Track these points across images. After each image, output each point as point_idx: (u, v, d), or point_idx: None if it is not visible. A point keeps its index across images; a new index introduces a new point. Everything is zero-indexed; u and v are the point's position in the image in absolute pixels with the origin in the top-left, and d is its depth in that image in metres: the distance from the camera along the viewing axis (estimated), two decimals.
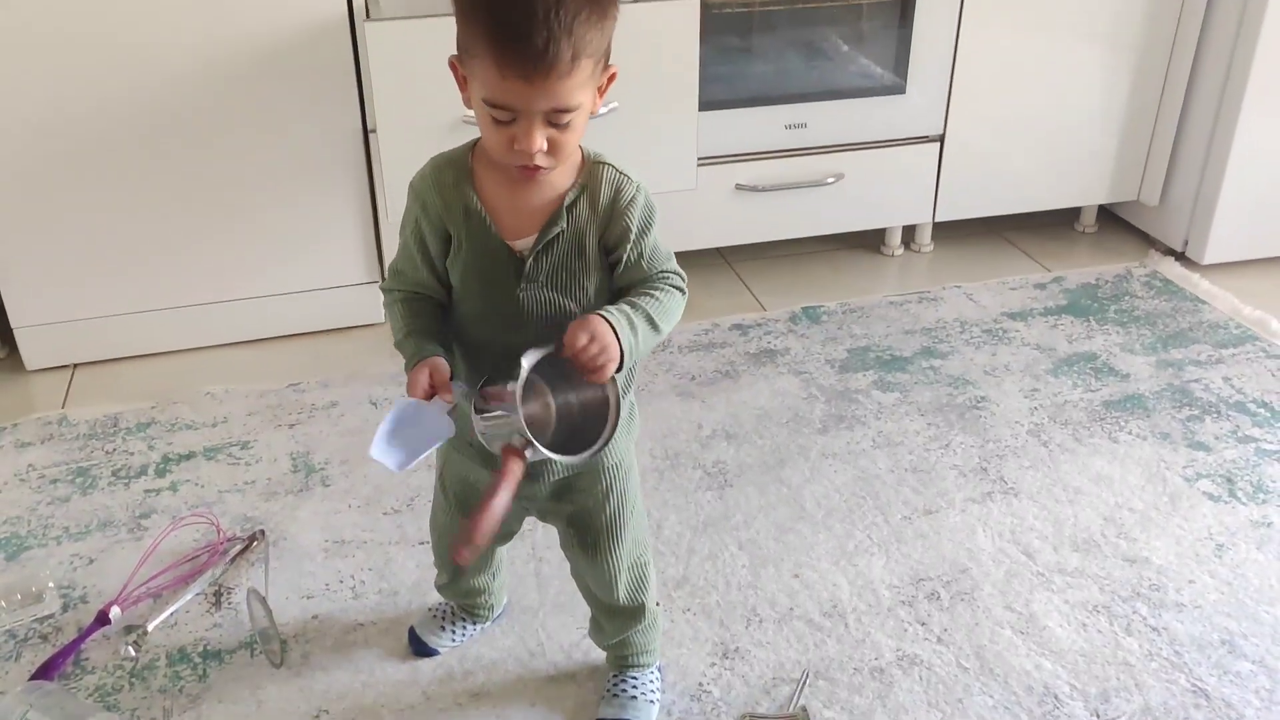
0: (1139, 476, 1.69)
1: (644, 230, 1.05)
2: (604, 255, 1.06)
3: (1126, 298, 2.21)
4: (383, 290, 1.13)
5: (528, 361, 0.97)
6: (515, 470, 0.97)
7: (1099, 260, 2.39)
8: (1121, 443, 1.77)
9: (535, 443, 0.97)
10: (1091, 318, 2.14)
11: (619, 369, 1.00)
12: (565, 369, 1.00)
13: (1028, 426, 1.81)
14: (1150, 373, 1.96)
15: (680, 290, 1.08)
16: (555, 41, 0.89)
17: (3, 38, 1.69)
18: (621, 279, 1.07)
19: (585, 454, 1.01)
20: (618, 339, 0.99)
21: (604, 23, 0.94)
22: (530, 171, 0.98)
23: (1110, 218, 2.56)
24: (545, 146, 0.96)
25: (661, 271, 1.07)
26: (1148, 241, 2.45)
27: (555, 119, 0.95)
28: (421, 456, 1.03)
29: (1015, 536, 1.57)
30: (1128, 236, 2.50)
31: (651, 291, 1.06)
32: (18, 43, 1.70)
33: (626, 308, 1.03)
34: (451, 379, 1.03)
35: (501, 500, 0.96)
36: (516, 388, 0.96)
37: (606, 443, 1.02)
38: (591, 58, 0.94)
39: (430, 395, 1.02)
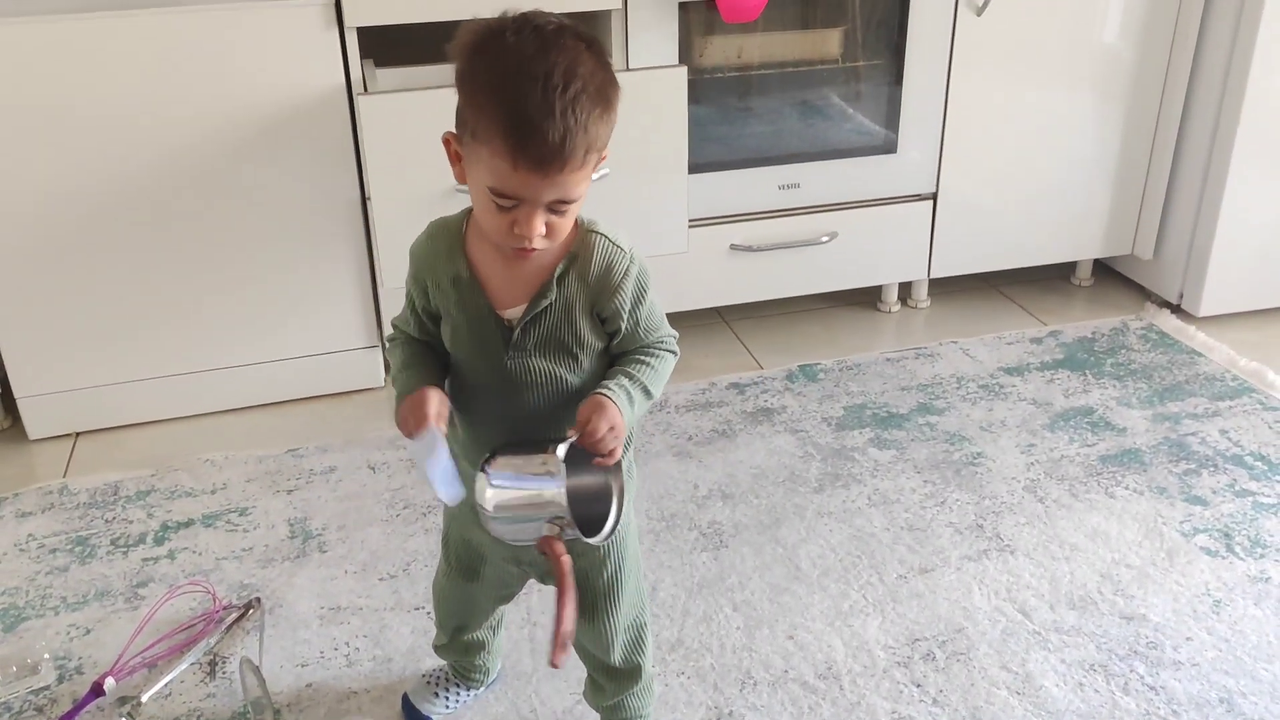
0: (1136, 532, 1.69)
1: (638, 301, 1.07)
2: (595, 323, 1.07)
3: (1123, 351, 2.22)
4: (386, 338, 1.16)
5: (562, 451, 0.98)
6: (566, 560, 1.00)
7: (1095, 314, 2.40)
8: (1118, 498, 1.77)
9: (573, 525, 0.99)
10: (1088, 371, 2.14)
11: None
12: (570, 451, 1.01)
13: (1024, 483, 1.81)
14: (1147, 426, 1.96)
15: (673, 353, 1.11)
16: (571, 137, 0.91)
17: (4, 110, 1.73)
18: (616, 347, 1.09)
19: (605, 532, 1.02)
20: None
21: (611, 116, 0.97)
22: (526, 253, 1.00)
23: (1105, 271, 2.57)
24: (545, 232, 0.97)
25: (656, 337, 1.09)
26: (1143, 294, 2.46)
27: (557, 208, 0.97)
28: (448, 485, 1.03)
29: (1011, 594, 1.56)
30: (1123, 290, 2.51)
31: (645, 359, 1.07)
32: (19, 114, 1.74)
33: (625, 382, 1.04)
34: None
35: (572, 602, 0.99)
36: (558, 484, 0.97)
37: (619, 519, 1.03)
38: (597, 151, 0.96)
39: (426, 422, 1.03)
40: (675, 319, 1.12)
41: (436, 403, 1.03)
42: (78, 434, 1.99)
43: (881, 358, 2.21)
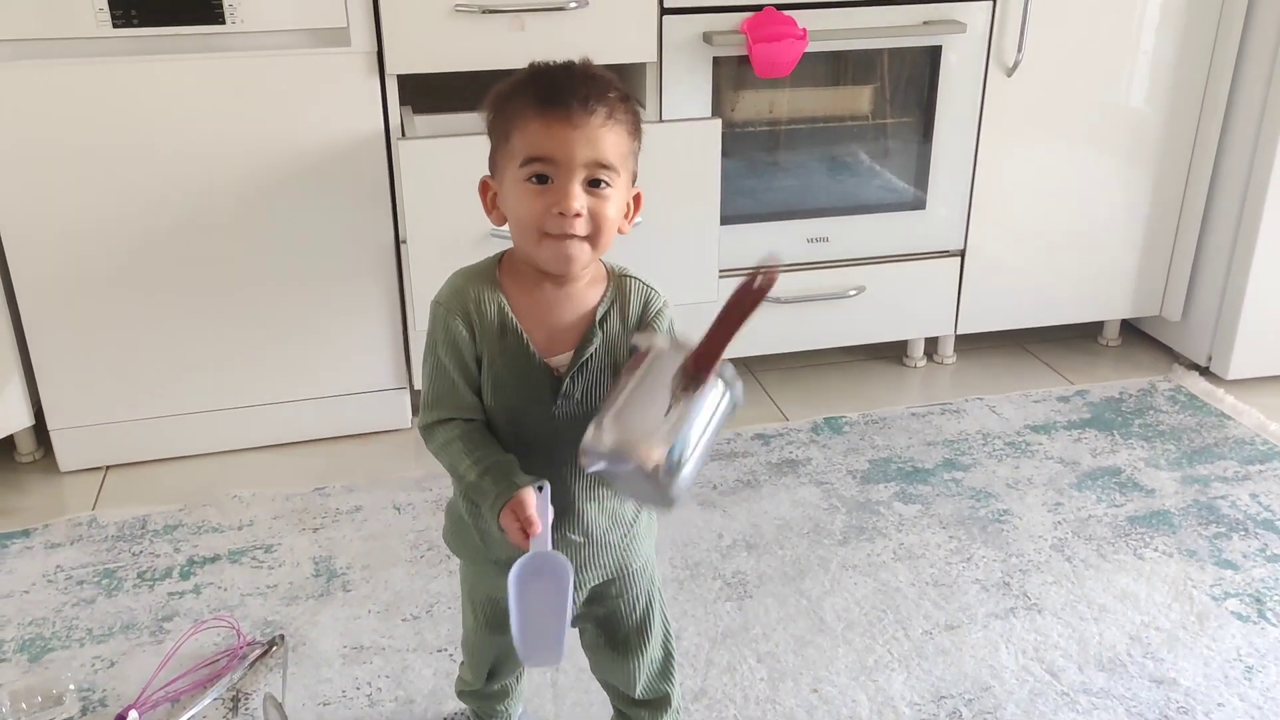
0: (1165, 594, 1.67)
1: None
2: None
3: (1151, 412, 2.21)
4: (423, 430, 1.08)
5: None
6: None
7: (1123, 374, 2.39)
8: (1147, 559, 1.75)
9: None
10: (1115, 431, 2.13)
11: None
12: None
13: (1051, 541, 1.79)
14: (1176, 488, 1.94)
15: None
16: (593, 96, 0.98)
17: (47, 146, 1.77)
18: None
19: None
20: None
21: (634, 119, 1.02)
22: (565, 240, 0.98)
23: (1133, 331, 2.57)
24: (584, 209, 0.98)
25: None
26: (1171, 356, 2.46)
27: (595, 173, 0.98)
28: (569, 619, 0.97)
29: (1039, 654, 1.55)
30: (1151, 350, 2.50)
31: None
32: (66, 151, 1.78)
33: None
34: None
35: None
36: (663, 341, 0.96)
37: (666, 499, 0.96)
38: (627, 134, 1.00)
39: (526, 535, 0.98)
40: None
41: (523, 506, 0.99)
42: (108, 467, 2.01)
43: (907, 412, 2.21)
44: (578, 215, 0.97)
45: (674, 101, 2.01)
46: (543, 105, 0.97)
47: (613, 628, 1.20)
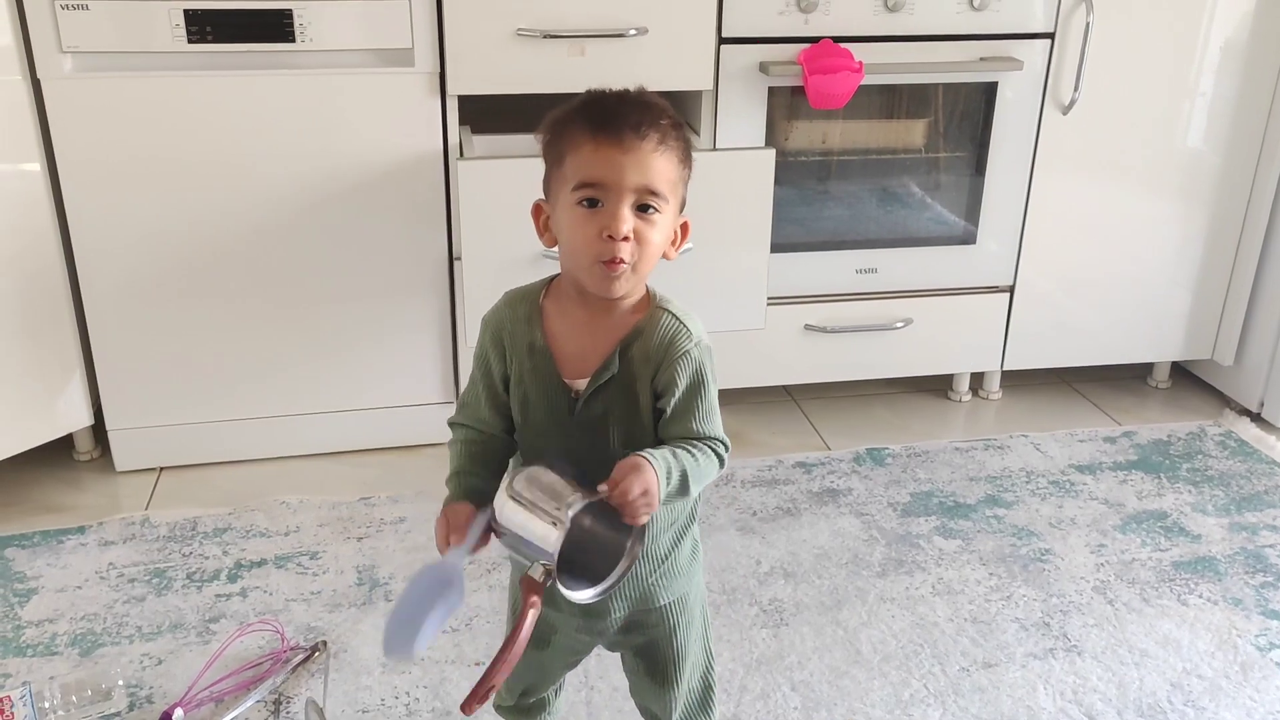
0: (1209, 642, 1.65)
1: (696, 387, 1.05)
2: (654, 400, 1.07)
3: (1199, 456, 2.18)
4: (449, 424, 1.16)
5: (574, 510, 0.96)
6: (533, 612, 0.98)
7: (1171, 417, 2.36)
8: (1191, 606, 1.73)
9: (558, 581, 0.97)
10: (1162, 475, 2.11)
11: None
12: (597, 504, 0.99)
13: (1093, 583, 1.78)
14: (1223, 535, 1.92)
15: (720, 460, 1.07)
16: (644, 122, 1.00)
17: (119, 156, 1.83)
18: (664, 431, 1.07)
19: (587, 596, 1.00)
20: None
21: (681, 138, 1.04)
22: (614, 265, 1.00)
23: (1183, 374, 2.54)
24: (631, 234, 1.00)
25: (709, 433, 1.06)
26: (1222, 400, 2.43)
27: (644, 200, 1.00)
28: (434, 630, 1.01)
29: (1078, 697, 1.53)
30: (1202, 394, 2.47)
31: (692, 450, 1.04)
32: (132, 160, 1.84)
33: (668, 456, 1.01)
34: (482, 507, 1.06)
35: (517, 648, 0.97)
36: (558, 538, 0.95)
37: (609, 589, 1.01)
38: (677, 160, 1.02)
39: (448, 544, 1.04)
40: (746, 395, 1.12)
41: (456, 516, 1.05)
42: (162, 468, 2.06)
43: (950, 446, 2.20)
44: (625, 239, 1.00)
45: (728, 130, 2.03)
46: (595, 130, 1.00)
47: (650, 658, 1.21)
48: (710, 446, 1.06)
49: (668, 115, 1.03)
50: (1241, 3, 2.14)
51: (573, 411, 1.07)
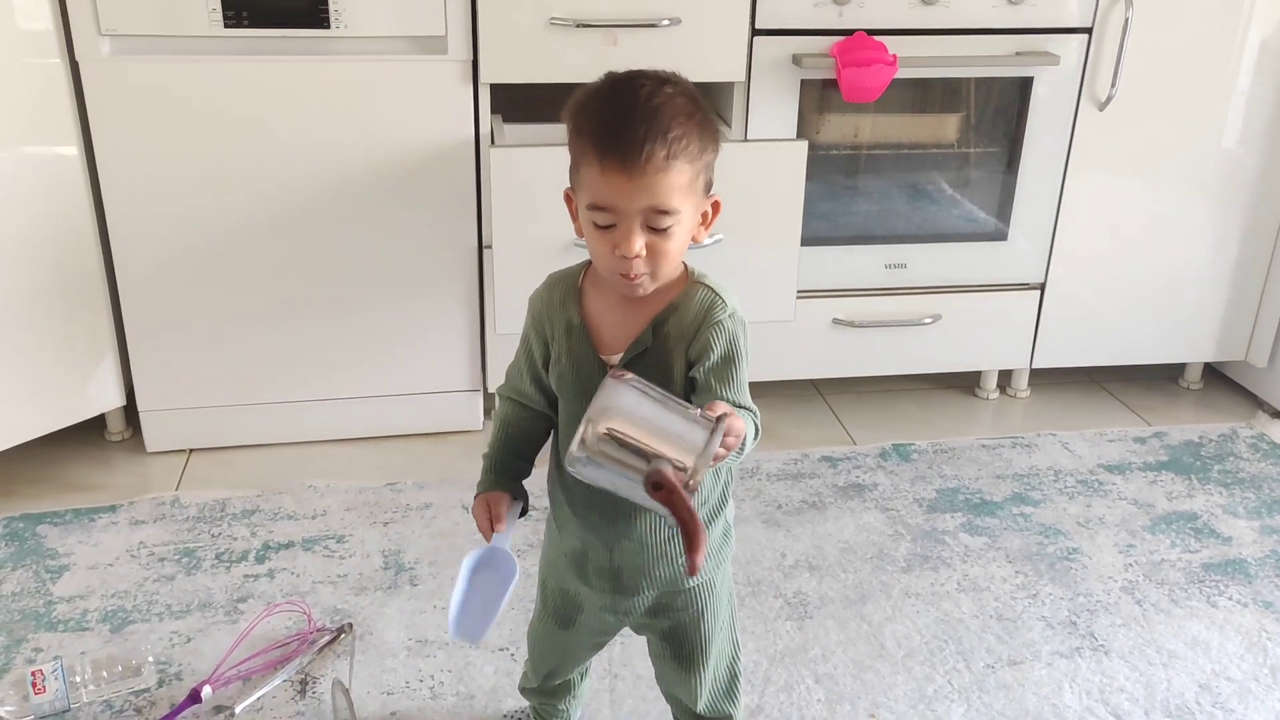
0: (1238, 645, 1.63)
1: (729, 358, 1.05)
2: (688, 374, 1.07)
3: (1231, 458, 2.16)
4: (495, 393, 1.22)
5: (719, 430, 0.90)
6: (682, 491, 0.88)
7: (1203, 418, 2.34)
8: (1220, 608, 1.71)
9: (687, 486, 0.87)
10: (1193, 476, 2.09)
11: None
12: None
13: (1121, 583, 1.77)
14: (1254, 538, 1.90)
15: (758, 430, 1.06)
16: (651, 139, 0.97)
17: (155, 139, 1.85)
18: (698, 400, 1.05)
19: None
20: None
21: (702, 136, 1.01)
22: (630, 279, 1.02)
23: (1216, 375, 2.51)
24: (643, 251, 1.00)
25: (742, 406, 1.05)
26: (1255, 402, 2.40)
27: (654, 220, 1.00)
28: (499, 610, 1.05)
29: (1104, 696, 1.52)
30: (1234, 395, 2.45)
31: (746, 415, 1.04)
32: (167, 144, 1.85)
33: (747, 423, 1.00)
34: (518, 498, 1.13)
35: (695, 516, 0.88)
36: (708, 437, 0.88)
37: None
38: (689, 164, 1.00)
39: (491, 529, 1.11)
40: (773, 388, 1.12)
41: (495, 504, 1.12)
42: (191, 450, 2.08)
43: (977, 443, 2.19)
44: (638, 256, 1.01)
45: (760, 122, 2.03)
46: (601, 154, 0.98)
47: (676, 642, 1.21)
48: (751, 417, 1.05)
49: (677, 118, 0.98)
50: None
51: None
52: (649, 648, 1.27)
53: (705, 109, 1.03)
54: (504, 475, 1.17)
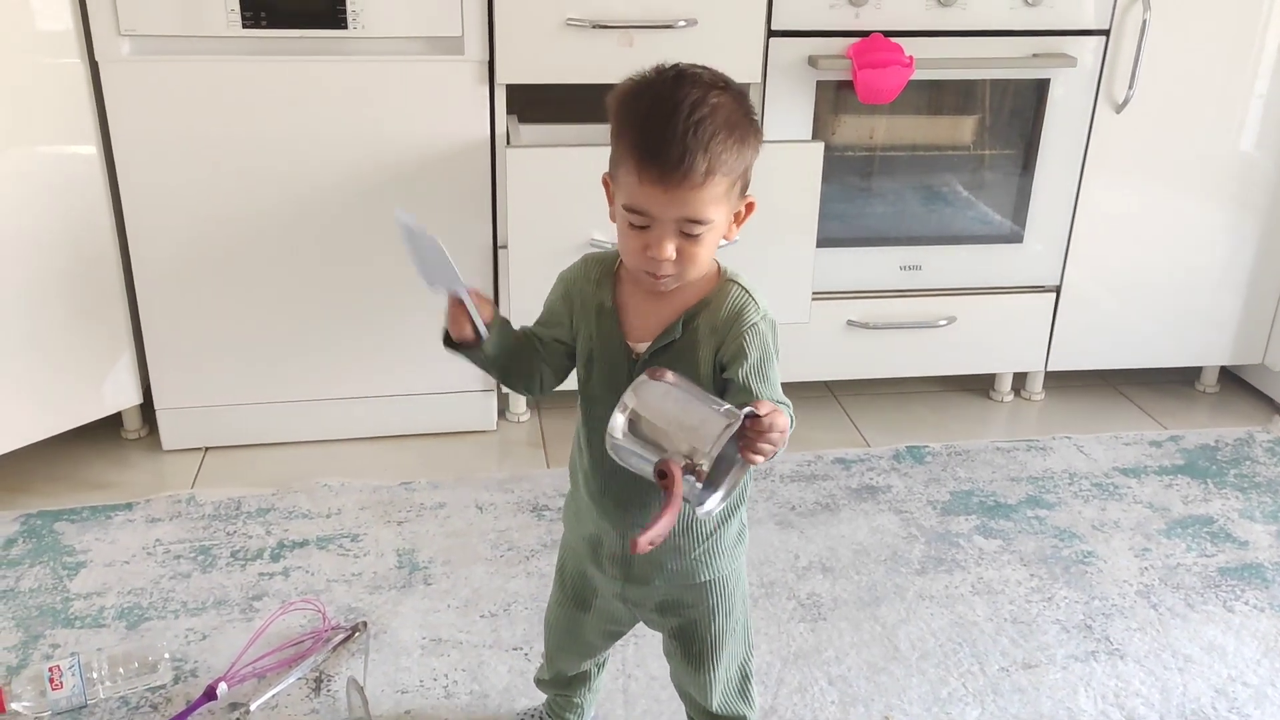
0: (1255, 650, 1.62)
1: (764, 359, 1.06)
2: (717, 372, 1.08)
3: (1247, 462, 2.15)
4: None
5: (745, 411, 0.96)
6: (680, 486, 0.95)
7: (1219, 421, 2.33)
8: (1237, 613, 1.70)
9: (705, 473, 0.94)
10: (1209, 480, 2.08)
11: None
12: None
13: (1136, 587, 1.76)
14: (1270, 542, 1.89)
15: (792, 420, 1.07)
16: (690, 155, 0.97)
17: (173, 138, 1.86)
18: (732, 400, 1.06)
19: (709, 505, 0.98)
20: None
21: (742, 148, 1.01)
22: (657, 278, 1.04)
23: (1232, 379, 2.50)
24: (674, 255, 1.01)
25: (779, 402, 1.06)
26: (1272, 406, 2.39)
27: (687, 229, 1.01)
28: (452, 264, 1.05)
29: (1119, 700, 1.52)
30: (1250, 399, 2.43)
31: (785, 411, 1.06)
32: (186, 143, 1.86)
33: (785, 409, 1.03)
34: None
35: (671, 514, 0.94)
36: (728, 426, 0.94)
37: (724, 500, 1.00)
38: (727, 177, 1.00)
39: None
40: (787, 390, 1.10)
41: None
42: (207, 448, 2.09)
43: (992, 446, 2.19)
44: (668, 259, 1.02)
45: (775, 123, 2.03)
46: (642, 162, 0.98)
47: (687, 640, 1.22)
48: (786, 410, 1.06)
49: (720, 132, 0.98)
50: None
51: (631, 374, 1.08)
52: (663, 645, 1.27)
53: (750, 115, 1.03)
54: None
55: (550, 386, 1.18)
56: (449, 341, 1.13)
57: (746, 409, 0.96)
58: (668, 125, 0.98)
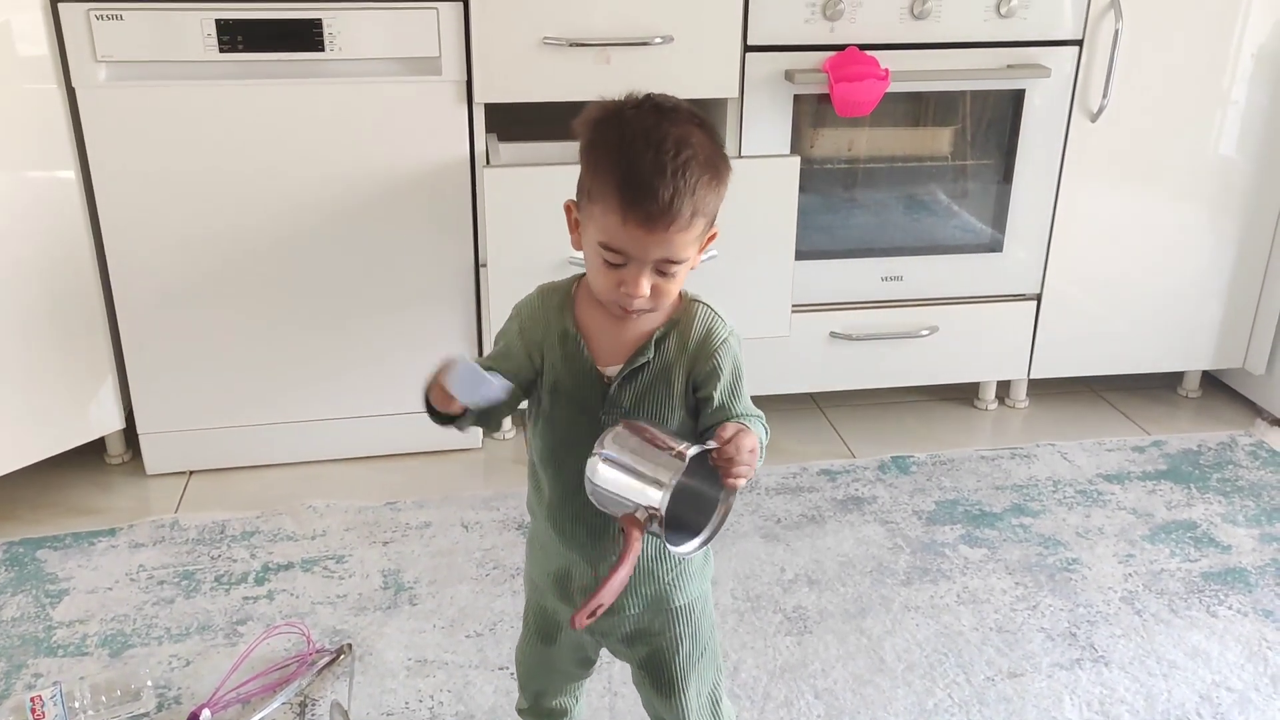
0: (1238, 654, 1.63)
1: (736, 377, 1.08)
2: (690, 393, 1.09)
3: (1230, 467, 2.16)
4: None
5: (692, 452, 0.98)
6: (636, 545, 0.99)
7: (1201, 426, 2.34)
8: (1220, 617, 1.71)
9: (663, 526, 0.98)
10: (1192, 485, 2.09)
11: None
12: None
13: (1120, 593, 1.76)
14: (1253, 546, 1.90)
15: (766, 430, 1.10)
16: (679, 197, 0.97)
17: (152, 163, 1.86)
18: (710, 418, 1.09)
19: (689, 549, 1.02)
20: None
21: (720, 187, 1.02)
22: (629, 311, 1.04)
23: (1214, 383, 2.51)
24: (649, 293, 1.02)
25: (750, 415, 1.09)
26: (1254, 410, 2.40)
27: (663, 268, 1.01)
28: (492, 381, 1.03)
29: (1104, 708, 1.52)
30: (1232, 404, 2.45)
31: (758, 426, 1.08)
32: (164, 167, 1.86)
33: (756, 427, 1.06)
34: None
35: (622, 575, 0.97)
36: (666, 493, 0.97)
37: (708, 540, 1.03)
38: (706, 217, 1.01)
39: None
40: (771, 402, 1.13)
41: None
42: (191, 472, 2.08)
43: (976, 454, 2.19)
44: (643, 296, 1.02)
45: (753, 137, 2.03)
46: (624, 207, 0.97)
47: (656, 668, 1.20)
48: (760, 423, 1.09)
49: (704, 176, 0.98)
50: (1275, 9, 2.12)
51: (604, 399, 1.08)
52: (633, 677, 1.26)
53: (722, 148, 1.03)
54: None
55: (501, 422, 1.18)
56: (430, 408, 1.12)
57: (694, 449, 0.99)
58: (655, 169, 0.96)
